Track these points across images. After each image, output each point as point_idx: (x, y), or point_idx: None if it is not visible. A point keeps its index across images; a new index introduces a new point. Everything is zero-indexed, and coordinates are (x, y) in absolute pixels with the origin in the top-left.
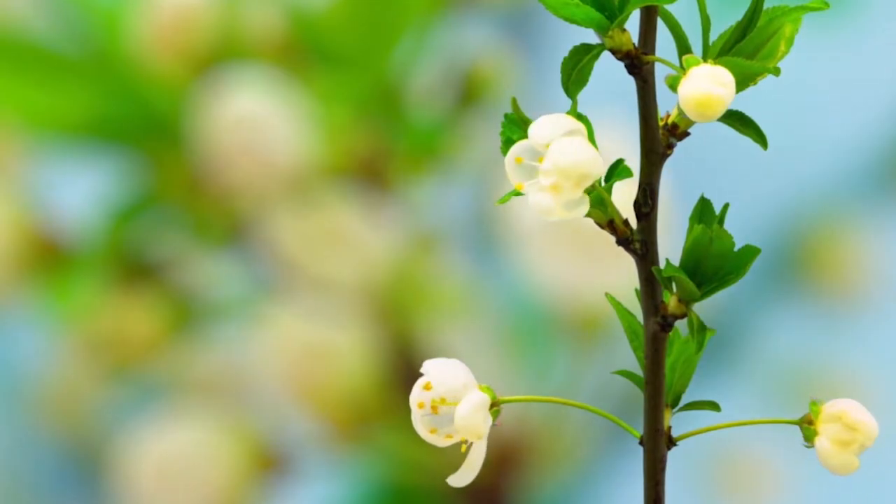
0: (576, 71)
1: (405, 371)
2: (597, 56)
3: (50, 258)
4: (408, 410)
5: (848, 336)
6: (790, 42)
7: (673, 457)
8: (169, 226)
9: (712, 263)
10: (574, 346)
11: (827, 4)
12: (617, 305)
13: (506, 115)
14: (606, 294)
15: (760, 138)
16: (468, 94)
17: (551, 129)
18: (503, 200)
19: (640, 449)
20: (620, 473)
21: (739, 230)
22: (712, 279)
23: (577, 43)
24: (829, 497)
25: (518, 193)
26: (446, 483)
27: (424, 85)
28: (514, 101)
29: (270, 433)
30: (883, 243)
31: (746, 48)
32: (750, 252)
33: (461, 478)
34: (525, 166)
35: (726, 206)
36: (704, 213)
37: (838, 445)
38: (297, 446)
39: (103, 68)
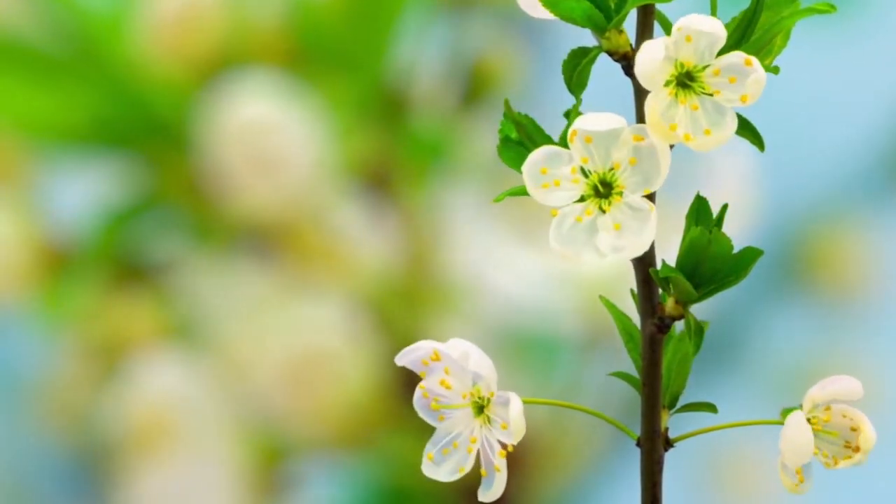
0: (575, 74)
1: (405, 375)
2: (594, 59)
3: (49, 261)
4: (407, 414)
5: (849, 336)
6: (787, 36)
7: (673, 457)
8: (168, 229)
9: (710, 265)
10: (577, 349)
11: (834, 8)
12: (611, 307)
13: (505, 113)
14: (601, 297)
15: (757, 140)
16: (473, 92)
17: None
18: (499, 199)
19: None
20: (623, 475)
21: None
22: (711, 281)
23: (579, 38)
24: (828, 497)
25: (514, 193)
26: (445, 485)
27: (428, 84)
28: (507, 103)
29: (271, 436)
30: (884, 243)
31: (748, 51)
32: (751, 254)
33: (493, 491)
34: (550, 175)
35: (725, 206)
36: (700, 212)
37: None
38: (298, 450)
39: (103, 71)
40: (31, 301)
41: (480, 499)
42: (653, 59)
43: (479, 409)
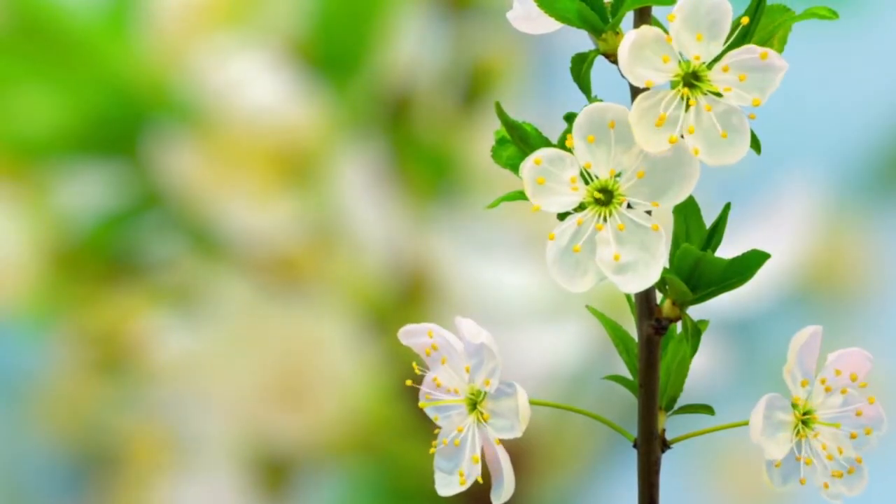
0: (579, 79)
1: (405, 380)
2: (591, 63)
3: (48, 262)
4: (408, 419)
5: (849, 336)
6: (783, 41)
7: (674, 456)
8: (164, 232)
9: (706, 269)
10: (578, 353)
11: (836, 14)
12: (599, 315)
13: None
14: (588, 306)
15: (754, 142)
16: (473, 92)
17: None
18: (493, 205)
19: None
20: (623, 475)
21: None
22: (710, 283)
23: (579, 38)
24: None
25: (510, 198)
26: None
27: (429, 85)
28: (498, 105)
29: (272, 444)
30: (884, 243)
31: None
32: (757, 257)
33: (506, 491)
34: (549, 179)
35: (728, 206)
36: (688, 209)
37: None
38: (300, 457)
39: (99, 74)
40: (29, 302)
41: (494, 501)
42: (624, 45)
43: (472, 405)
